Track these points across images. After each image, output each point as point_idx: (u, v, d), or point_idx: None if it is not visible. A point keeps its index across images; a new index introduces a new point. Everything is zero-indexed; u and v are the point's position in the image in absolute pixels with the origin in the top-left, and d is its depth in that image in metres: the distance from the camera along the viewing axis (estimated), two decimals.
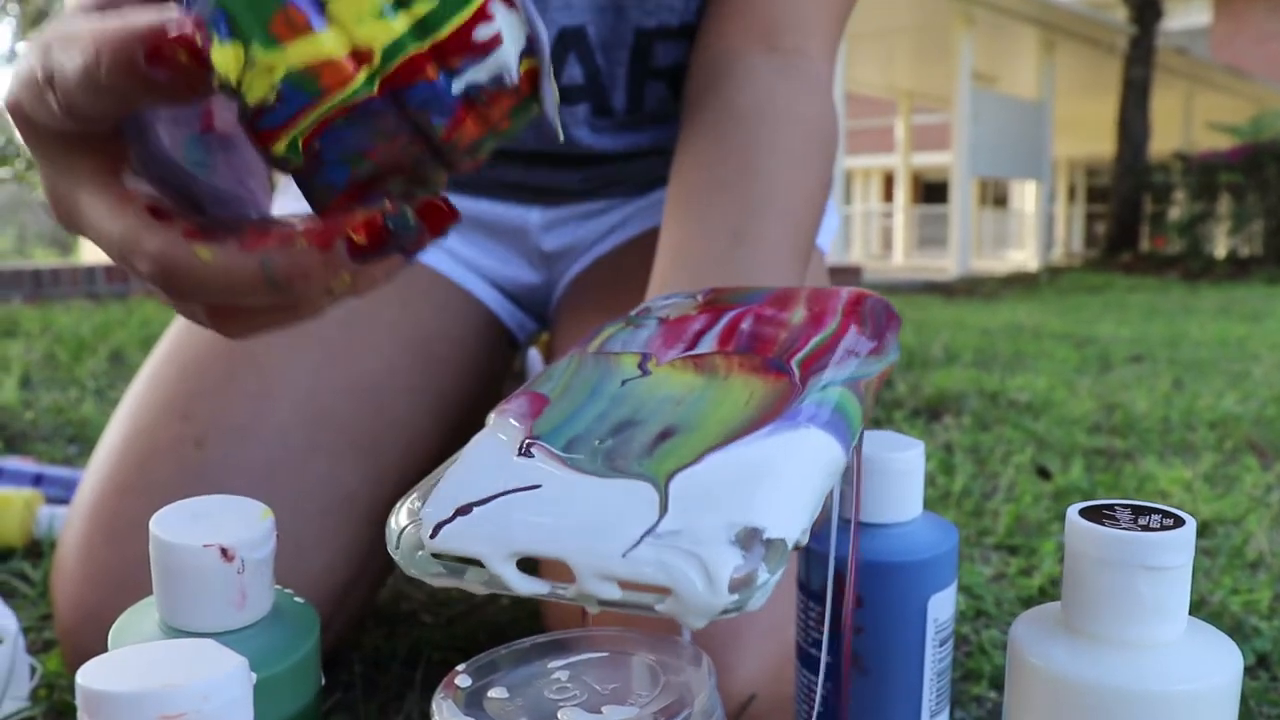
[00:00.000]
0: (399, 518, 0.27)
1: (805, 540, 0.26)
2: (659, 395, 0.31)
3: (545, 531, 0.26)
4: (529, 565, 0.27)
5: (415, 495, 0.28)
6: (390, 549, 0.27)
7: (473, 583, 0.27)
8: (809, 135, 0.58)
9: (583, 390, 0.31)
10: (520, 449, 0.29)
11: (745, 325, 0.35)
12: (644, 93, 0.68)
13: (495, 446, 0.29)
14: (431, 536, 0.26)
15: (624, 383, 0.31)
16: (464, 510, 0.27)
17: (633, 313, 0.38)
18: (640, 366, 0.32)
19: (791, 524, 0.26)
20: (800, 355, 0.32)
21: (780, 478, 0.27)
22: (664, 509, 0.25)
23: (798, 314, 0.36)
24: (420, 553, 0.27)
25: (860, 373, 0.32)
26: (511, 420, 0.30)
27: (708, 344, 0.33)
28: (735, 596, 0.24)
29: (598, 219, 0.75)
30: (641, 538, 0.25)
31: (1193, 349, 2.56)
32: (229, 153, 0.35)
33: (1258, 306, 4.12)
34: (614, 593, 0.25)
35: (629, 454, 0.28)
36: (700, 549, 0.24)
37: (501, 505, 0.27)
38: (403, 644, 0.71)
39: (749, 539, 0.25)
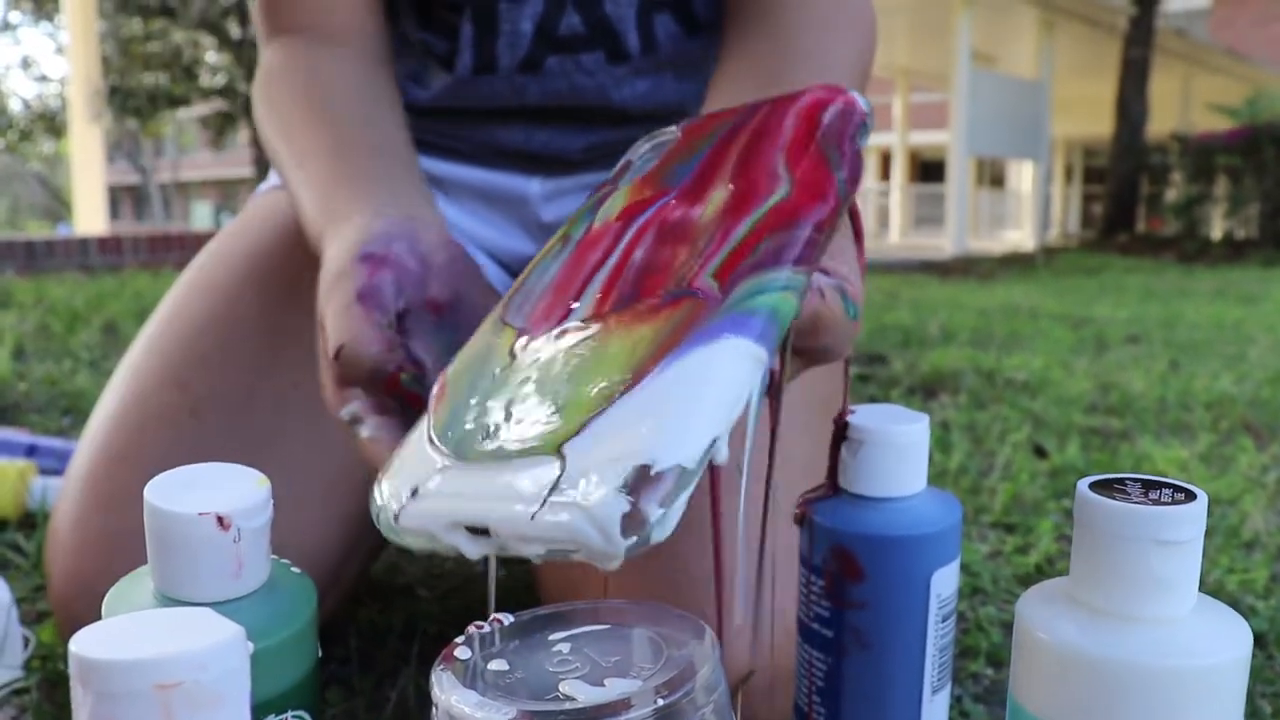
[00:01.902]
0: (378, 495, 0.31)
1: (719, 456, 0.27)
2: (530, 381, 0.31)
3: (469, 505, 0.28)
4: None
5: (383, 476, 0.31)
6: (376, 523, 0.30)
7: (443, 548, 0.29)
8: (849, 23, 0.59)
9: (466, 378, 0.33)
10: (429, 440, 0.31)
11: (639, 253, 0.34)
12: (654, 29, 0.67)
13: (420, 434, 0.32)
14: (396, 520, 0.30)
15: (497, 372, 0.32)
16: (414, 493, 0.30)
17: (612, 174, 0.41)
18: (511, 351, 0.32)
19: (684, 449, 0.26)
20: (714, 264, 0.31)
21: (667, 405, 0.27)
22: (562, 469, 0.27)
23: (715, 199, 0.35)
24: (394, 528, 0.30)
25: (804, 253, 0.31)
26: (427, 410, 0.33)
27: (590, 295, 0.33)
28: (633, 539, 0.25)
29: None
30: (544, 501, 0.27)
31: (1189, 330, 2.56)
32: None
33: (1253, 289, 4.12)
34: (536, 549, 0.27)
35: (512, 442, 0.29)
36: (590, 501, 0.25)
37: (436, 486, 0.29)
38: (398, 617, 0.71)
39: (638, 478, 0.26)
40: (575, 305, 0.32)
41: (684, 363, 0.28)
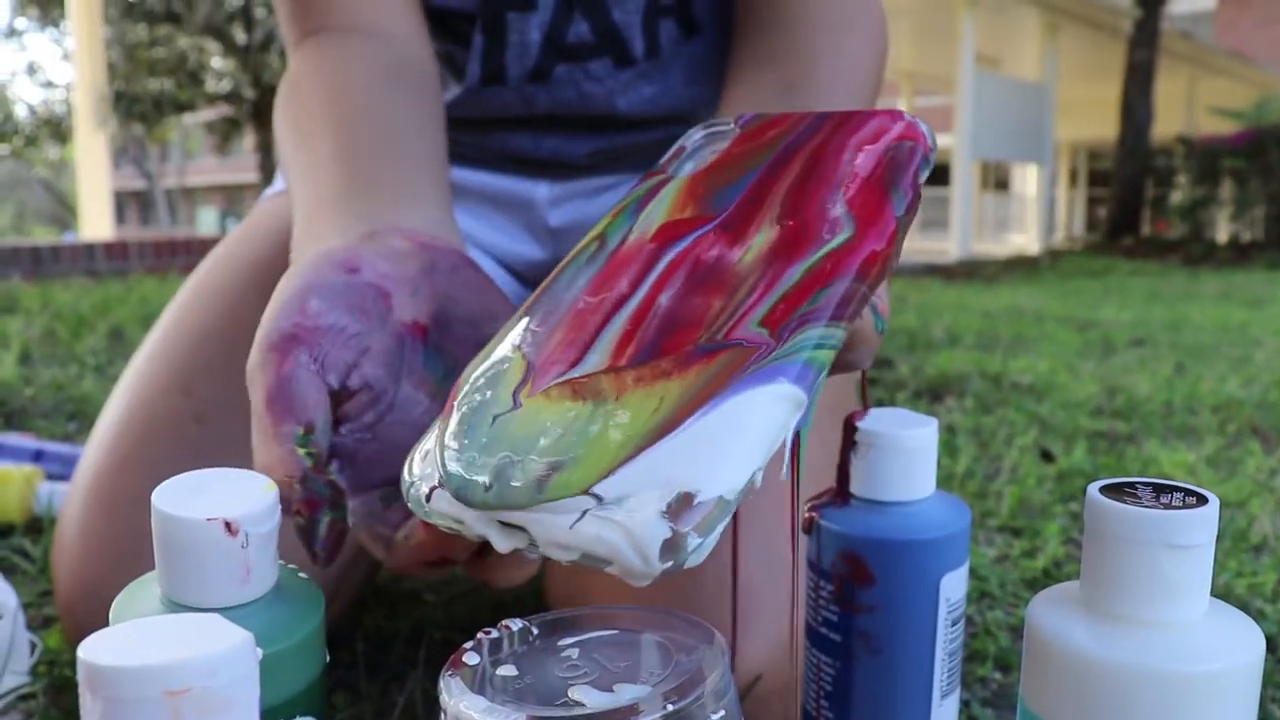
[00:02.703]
0: (408, 473, 0.31)
1: (757, 483, 0.27)
2: (533, 431, 0.30)
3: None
4: None
5: (416, 454, 0.31)
6: (405, 497, 0.30)
7: (468, 533, 0.29)
8: (863, 22, 0.59)
9: (467, 418, 0.31)
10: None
11: (664, 298, 0.32)
12: (658, 34, 0.67)
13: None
14: (426, 500, 0.30)
15: (495, 419, 0.31)
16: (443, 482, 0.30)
17: (663, 159, 0.39)
18: (514, 396, 0.31)
19: (727, 480, 0.26)
20: (759, 313, 0.30)
21: (713, 440, 0.27)
22: (597, 500, 0.27)
23: (758, 242, 0.33)
24: (423, 508, 0.30)
25: (856, 308, 0.31)
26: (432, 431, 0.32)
27: (608, 339, 0.31)
28: (669, 563, 0.26)
29: (606, 195, 0.74)
30: (584, 513, 0.27)
31: (1194, 333, 2.56)
32: None
33: (1259, 292, 4.11)
34: (570, 556, 0.27)
35: (515, 496, 0.28)
36: (632, 522, 0.26)
37: None
38: (405, 623, 0.71)
39: (680, 505, 0.26)
40: (591, 349, 0.31)
41: (727, 405, 0.28)
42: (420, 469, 0.31)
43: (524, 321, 0.34)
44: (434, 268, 0.40)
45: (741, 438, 0.27)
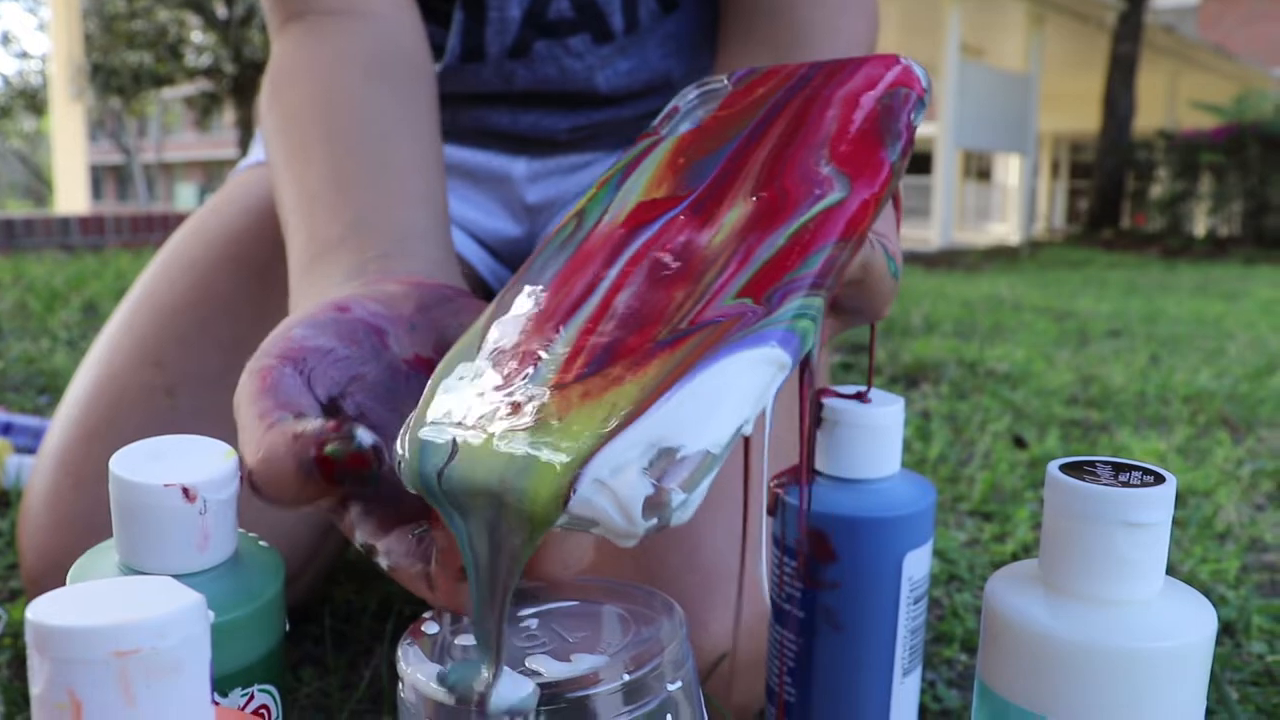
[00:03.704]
0: (400, 447, 0.29)
1: (747, 432, 0.26)
2: (476, 475, 0.27)
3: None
4: None
5: (406, 432, 0.29)
6: (398, 471, 0.29)
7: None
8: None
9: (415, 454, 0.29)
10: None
11: (623, 297, 0.30)
12: (637, 9, 0.67)
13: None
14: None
15: (438, 474, 0.28)
16: None
17: (657, 119, 0.39)
18: (451, 451, 0.28)
19: (711, 434, 0.26)
20: (735, 286, 0.29)
21: (698, 389, 0.26)
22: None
23: (730, 218, 0.32)
24: (411, 481, 0.28)
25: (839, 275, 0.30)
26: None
27: (560, 348, 0.29)
28: (654, 520, 0.25)
29: (583, 172, 0.74)
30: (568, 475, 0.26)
31: (1170, 325, 2.58)
32: None
33: (1234, 286, 4.15)
34: (557, 521, 0.26)
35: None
36: (615, 482, 0.25)
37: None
38: (373, 598, 0.71)
39: (662, 461, 0.25)
40: (540, 365, 0.29)
41: (711, 370, 0.27)
42: (403, 444, 0.29)
43: (490, 323, 0.32)
44: (430, 303, 0.38)
45: (725, 395, 0.27)
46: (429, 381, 0.31)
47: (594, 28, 0.67)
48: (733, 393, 0.27)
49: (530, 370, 0.29)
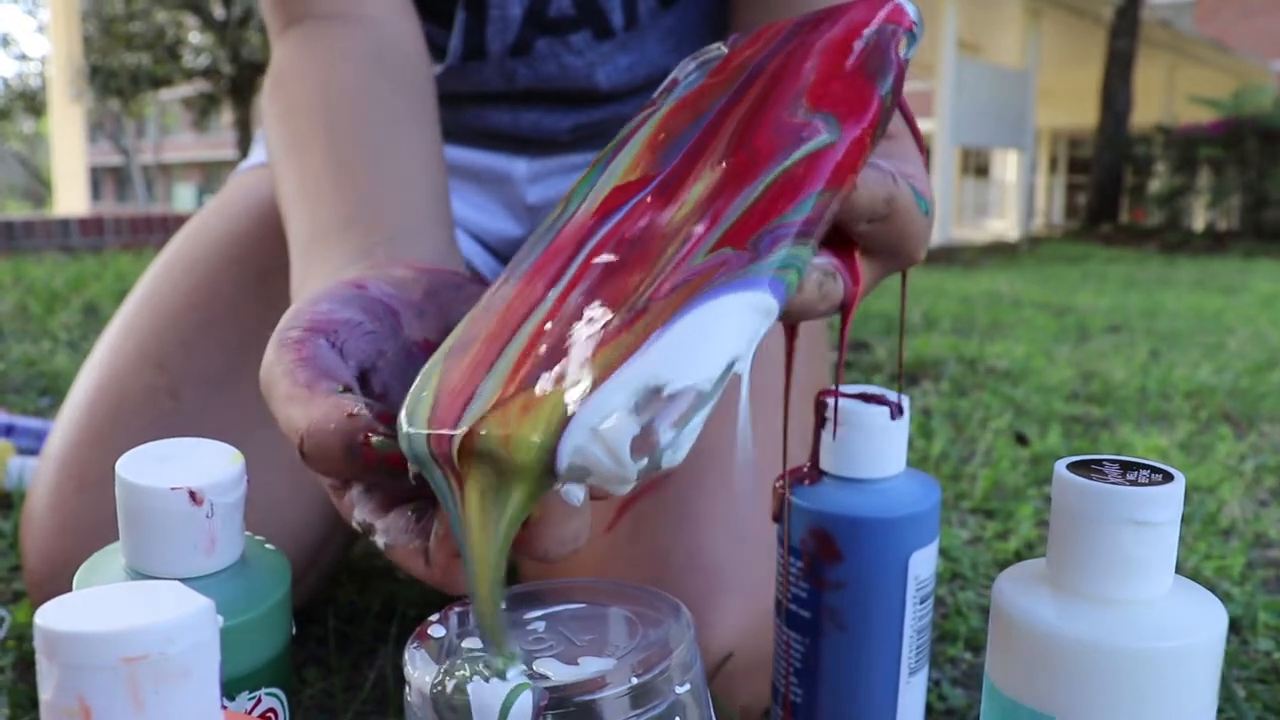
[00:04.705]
0: (401, 419, 0.28)
1: (741, 371, 0.26)
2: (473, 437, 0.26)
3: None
4: None
5: (405, 410, 0.29)
6: (400, 439, 0.28)
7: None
8: None
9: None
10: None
11: (574, 299, 0.29)
12: (637, 5, 0.67)
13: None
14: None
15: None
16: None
17: (657, 91, 0.37)
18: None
19: (699, 371, 0.25)
20: (706, 245, 0.28)
21: (681, 331, 0.26)
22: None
23: (695, 191, 0.30)
24: (410, 448, 0.28)
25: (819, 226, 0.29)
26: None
27: (501, 370, 0.28)
28: (644, 461, 0.24)
29: (583, 173, 0.74)
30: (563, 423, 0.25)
31: (1170, 320, 2.57)
32: None
33: (1234, 280, 4.15)
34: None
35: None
36: (602, 426, 0.24)
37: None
38: (377, 599, 0.71)
39: (649, 400, 0.25)
40: (490, 373, 0.28)
41: (697, 312, 0.26)
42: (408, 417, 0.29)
43: (463, 322, 0.32)
44: (437, 289, 0.39)
45: (713, 332, 0.26)
46: (429, 360, 0.31)
47: (594, 24, 0.67)
48: (721, 330, 0.26)
49: (474, 390, 0.28)
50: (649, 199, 0.31)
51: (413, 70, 0.55)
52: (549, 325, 0.28)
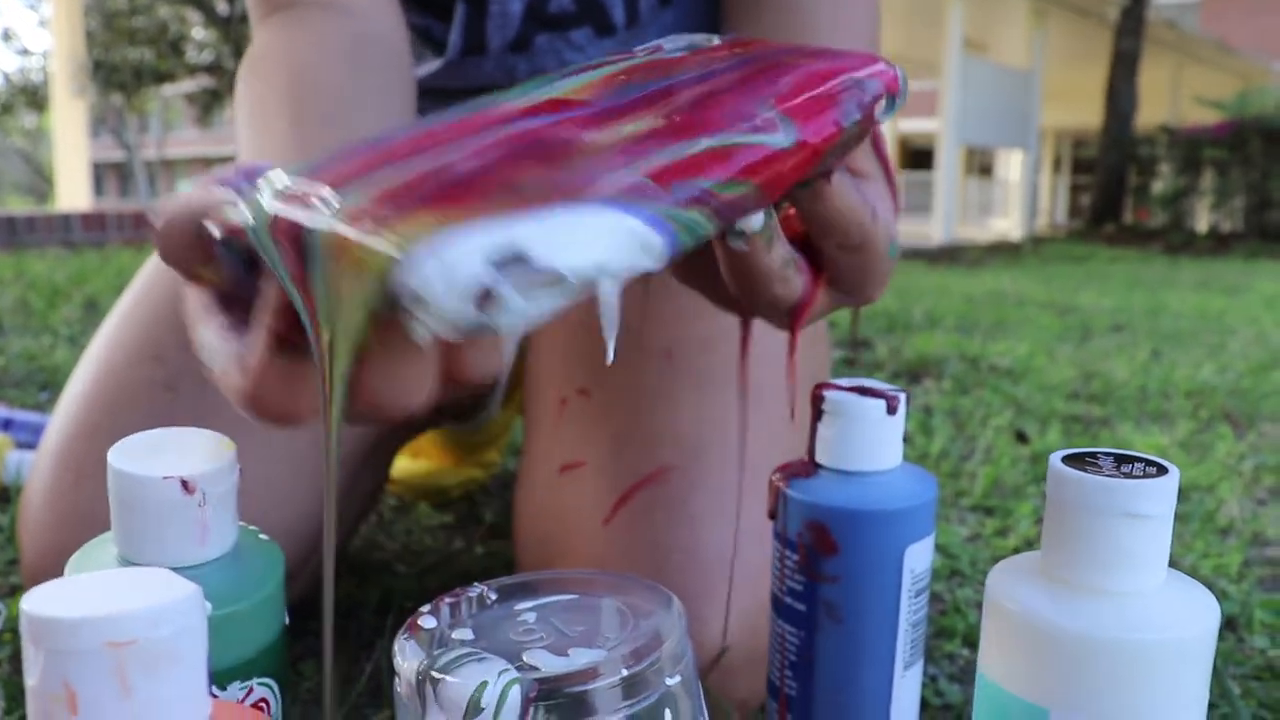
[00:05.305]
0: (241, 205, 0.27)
1: (606, 296, 0.25)
2: (318, 221, 0.25)
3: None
4: None
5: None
6: (247, 207, 0.27)
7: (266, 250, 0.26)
8: None
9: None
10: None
11: (467, 163, 0.28)
12: (638, 1, 0.67)
13: None
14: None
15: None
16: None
17: (641, 48, 0.37)
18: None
19: (566, 255, 0.24)
20: (614, 168, 0.27)
21: (564, 216, 0.25)
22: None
23: (631, 127, 0.30)
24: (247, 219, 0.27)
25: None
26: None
27: (363, 189, 0.26)
28: (479, 316, 0.23)
29: None
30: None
31: (1172, 320, 2.57)
32: None
33: (1236, 281, 4.14)
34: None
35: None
36: (452, 254, 0.23)
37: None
38: (374, 593, 0.71)
39: (508, 261, 0.24)
40: (350, 186, 0.27)
41: (579, 211, 0.25)
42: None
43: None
44: None
45: (594, 235, 0.25)
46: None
47: (595, 21, 0.67)
48: (602, 236, 0.25)
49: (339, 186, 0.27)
50: (580, 117, 0.31)
51: (391, 64, 0.56)
52: (435, 168, 0.27)
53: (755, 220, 0.32)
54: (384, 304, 0.24)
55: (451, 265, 0.23)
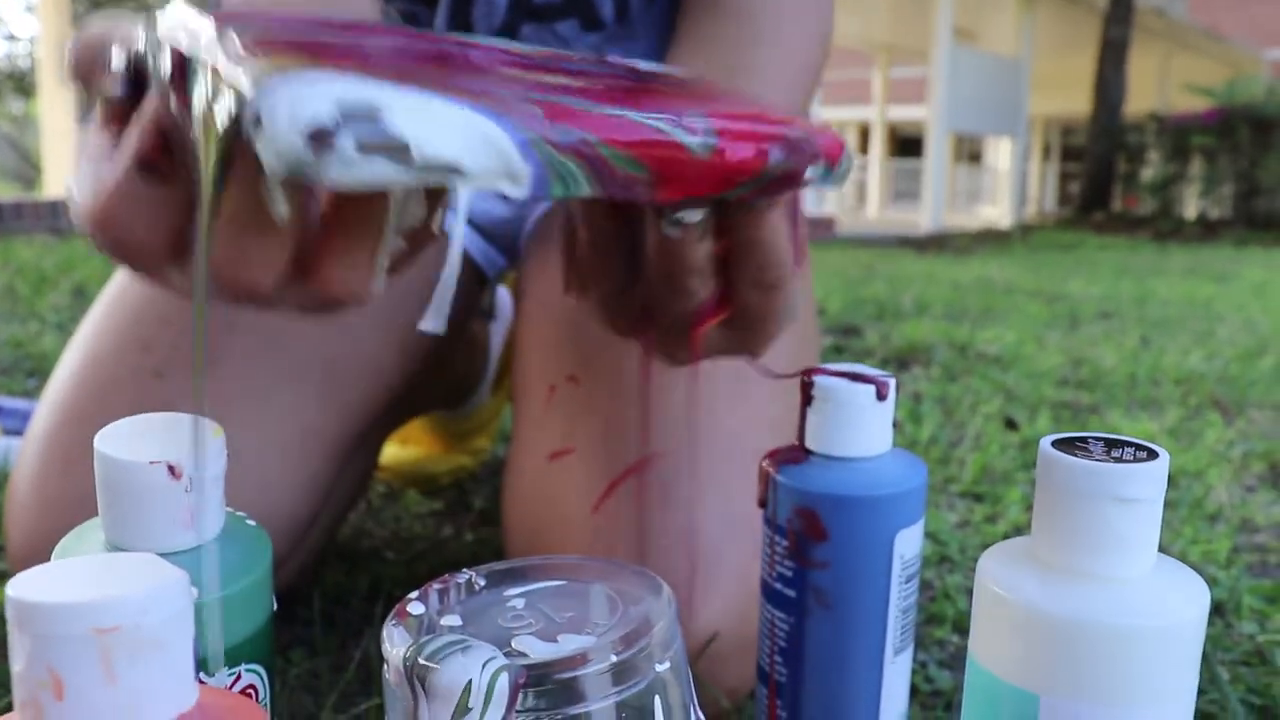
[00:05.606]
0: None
1: (433, 154, 0.25)
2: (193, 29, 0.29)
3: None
4: None
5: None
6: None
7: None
8: (812, 6, 0.59)
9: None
10: None
11: (396, 57, 0.29)
12: None
13: None
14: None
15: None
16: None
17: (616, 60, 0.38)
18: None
19: (417, 133, 0.24)
20: (524, 91, 0.28)
21: (436, 102, 0.25)
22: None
23: (559, 80, 0.31)
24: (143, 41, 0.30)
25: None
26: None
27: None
28: (309, 155, 0.23)
29: None
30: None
31: (1160, 307, 2.58)
32: None
33: (1225, 268, 4.16)
34: (226, 105, 0.26)
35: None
36: (302, 90, 0.23)
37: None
38: (363, 580, 0.71)
39: (359, 116, 0.24)
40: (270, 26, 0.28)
41: (454, 105, 0.25)
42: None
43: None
44: None
45: (460, 132, 0.25)
46: None
47: (582, 14, 0.67)
48: (470, 136, 0.25)
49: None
50: (513, 61, 0.32)
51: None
52: (337, 41, 0.29)
53: (694, 213, 0.33)
54: (235, 127, 0.25)
55: (299, 98, 0.23)
